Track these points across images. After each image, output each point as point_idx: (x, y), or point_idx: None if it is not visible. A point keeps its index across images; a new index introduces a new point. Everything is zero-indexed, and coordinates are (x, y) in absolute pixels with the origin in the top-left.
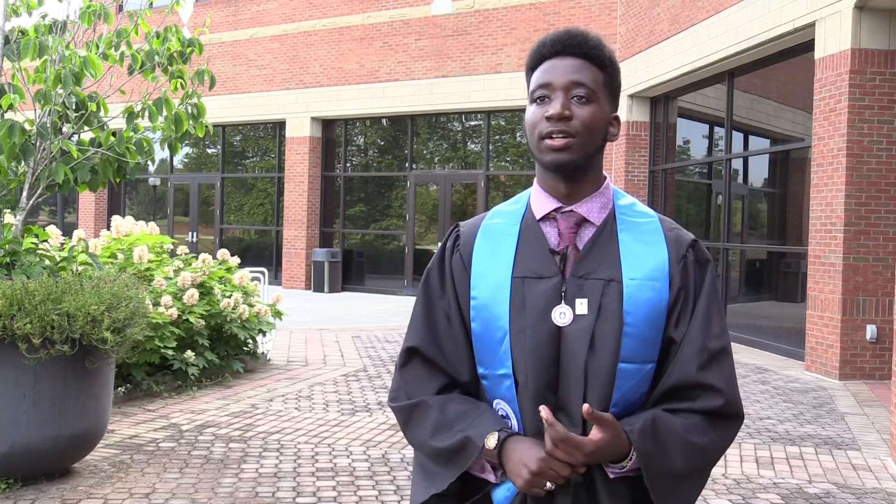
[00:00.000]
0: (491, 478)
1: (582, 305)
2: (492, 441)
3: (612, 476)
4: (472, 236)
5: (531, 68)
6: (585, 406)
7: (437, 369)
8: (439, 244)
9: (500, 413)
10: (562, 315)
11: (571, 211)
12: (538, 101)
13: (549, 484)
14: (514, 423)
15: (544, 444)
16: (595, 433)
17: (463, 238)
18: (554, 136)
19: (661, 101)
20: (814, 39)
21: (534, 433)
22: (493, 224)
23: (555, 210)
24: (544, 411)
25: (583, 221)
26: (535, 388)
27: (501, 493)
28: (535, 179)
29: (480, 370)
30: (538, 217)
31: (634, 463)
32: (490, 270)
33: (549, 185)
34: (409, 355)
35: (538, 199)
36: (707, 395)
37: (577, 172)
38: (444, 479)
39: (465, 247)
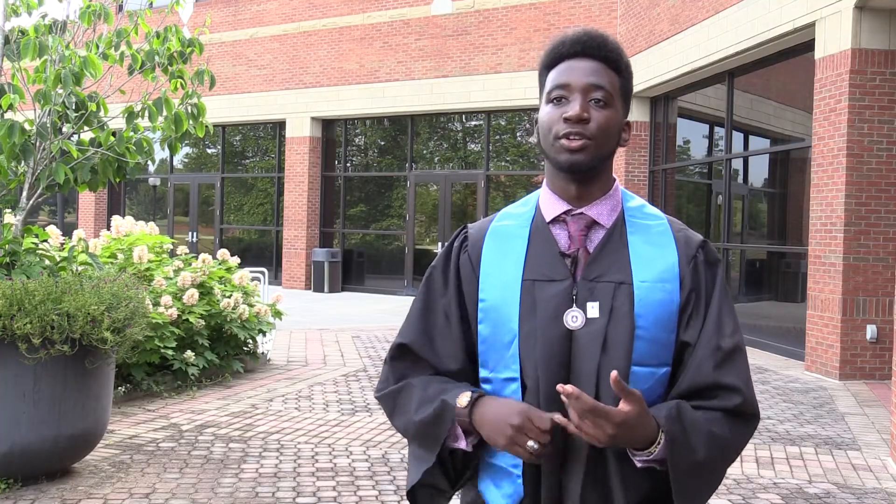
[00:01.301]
0: (462, 444)
1: (593, 309)
2: (464, 399)
3: (639, 465)
4: (481, 238)
5: (547, 67)
6: (613, 373)
7: (425, 364)
8: (445, 244)
9: None
10: (574, 319)
11: (581, 213)
12: (555, 101)
13: (531, 443)
14: None
15: (523, 403)
16: (623, 405)
17: (471, 239)
18: (571, 136)
19: (661, 101)
20: (814, 39)
21: None
22: (503, 226)
23: (565, 213)
24: (564, 386)
25: (593, 224)
26: (547, 392)
27: (498, 501)
28: (545, 181)
29: (483, 373)
30: (548, 219)
31: (662, 450)
32: (500, 272)
33: (559, 186)
34: (400, 351)
35: (548, 202)
36: (725, 394)
37: (588, 174)
38: (430, 452)
39: (473, 248)
